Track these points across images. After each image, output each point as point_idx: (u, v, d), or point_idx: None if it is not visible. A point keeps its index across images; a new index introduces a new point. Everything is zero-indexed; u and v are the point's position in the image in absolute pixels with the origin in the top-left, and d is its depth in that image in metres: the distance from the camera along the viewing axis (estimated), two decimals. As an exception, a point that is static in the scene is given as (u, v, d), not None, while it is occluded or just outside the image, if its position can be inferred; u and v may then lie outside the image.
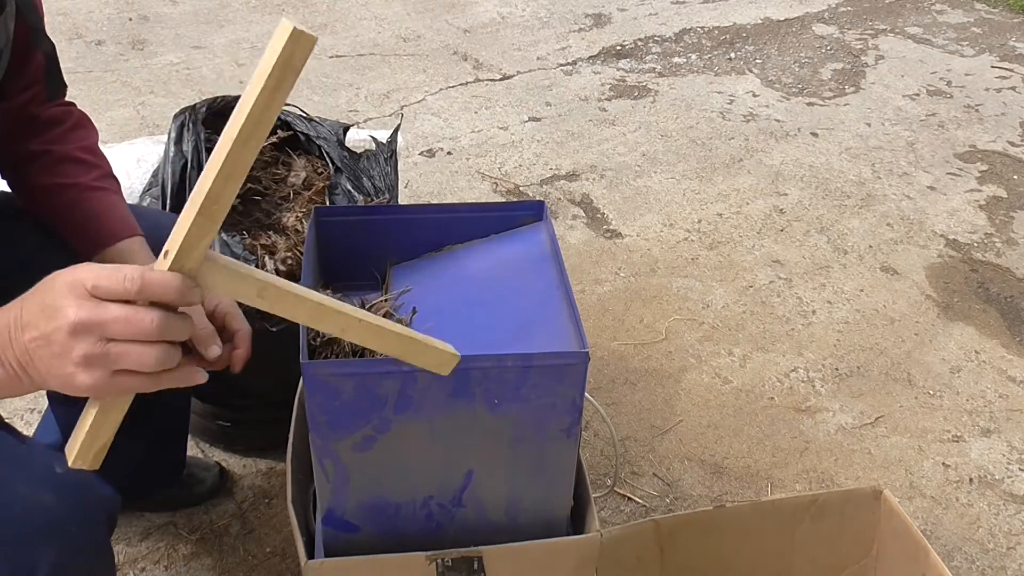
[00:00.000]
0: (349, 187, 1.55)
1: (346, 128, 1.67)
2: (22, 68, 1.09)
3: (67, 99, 1.22)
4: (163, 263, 0.69)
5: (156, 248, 1.15)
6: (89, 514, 0.88)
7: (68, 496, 0.86)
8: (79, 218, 1.13)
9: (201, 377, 0.77)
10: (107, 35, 3.24)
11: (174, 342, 0.72)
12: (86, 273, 0.69)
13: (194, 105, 1.56)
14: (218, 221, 0.68)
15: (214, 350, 1.10)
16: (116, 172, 1.21)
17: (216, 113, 1.58)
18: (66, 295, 0.68)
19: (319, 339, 1.06)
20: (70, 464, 0.76)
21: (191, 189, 1.46)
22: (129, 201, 1.69)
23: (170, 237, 0.69)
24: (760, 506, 1.33)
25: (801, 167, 2.69)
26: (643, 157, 2.69)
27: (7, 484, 0.85)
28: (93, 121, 1.23)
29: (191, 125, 1.52)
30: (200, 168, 1.48)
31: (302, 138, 1.63)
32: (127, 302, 0.68)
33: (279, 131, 1.63)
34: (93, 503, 0.89)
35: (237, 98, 1.61)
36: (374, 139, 1.69)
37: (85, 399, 1.35)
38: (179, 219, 0.68)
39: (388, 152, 1.67)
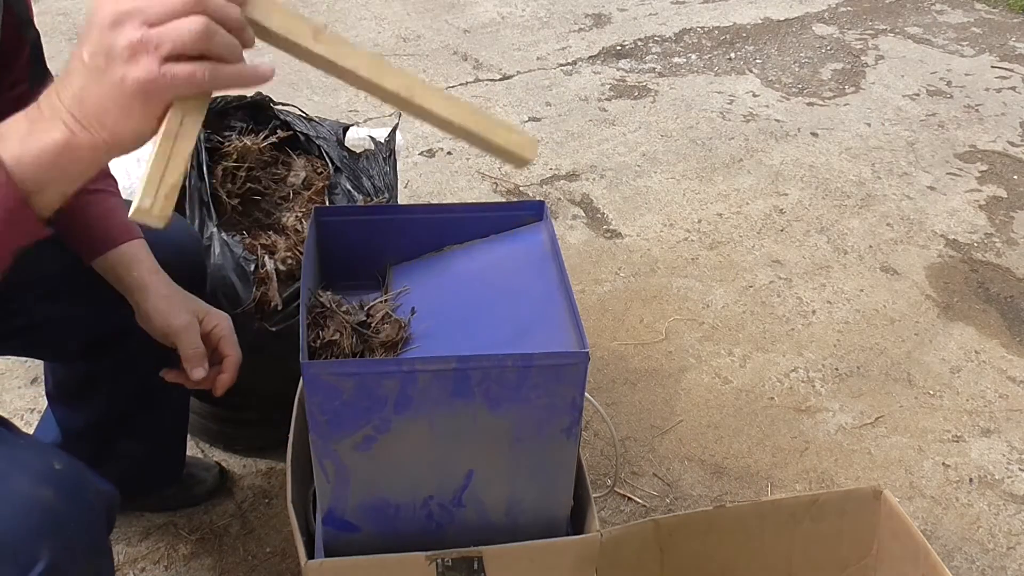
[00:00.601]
0: (349, 187, 1.55)
1: (345, 128, 1.67)
2: (13, 61, 1.07)
3: None
4: None
5: (154, 244, 1.16)
6: (88, 511, 0.88)
7: (66, 492, 0.86)
8: (78, 223, 1.12)
9: (264, 74, 0.70)
10: (107, 35, 3.24)
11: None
12: None
13: None
14: None
15: (198, 372, 1.12)
16: (116, 172, 1.21)
17: (216, 113, 1.58)
18: (99, 7, 0.65)
19: (319, 340, 1.06)
20: (135, 208, 0.66)
21: (191, 188, 1.46)
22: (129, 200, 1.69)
23: None
24: (760, 506, 1.33)
25: (801, 167, 2.69)
26: (643, 157, 2.69)
27: (5, 479, 0.85)
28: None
29: None
30: (200, 168, 1.48)
31: (302, 138, 1.63)
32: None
33: (279, 131, 1.63)
34: (92, 499, 0.89)
35: (237, 97, 1.61)
36: (373, 139, 1.69)
37: (83, 400, 1.34)
38: None
39: (387, 151, 1.67)
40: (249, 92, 1.65)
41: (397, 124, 1.71)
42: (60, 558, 0.82)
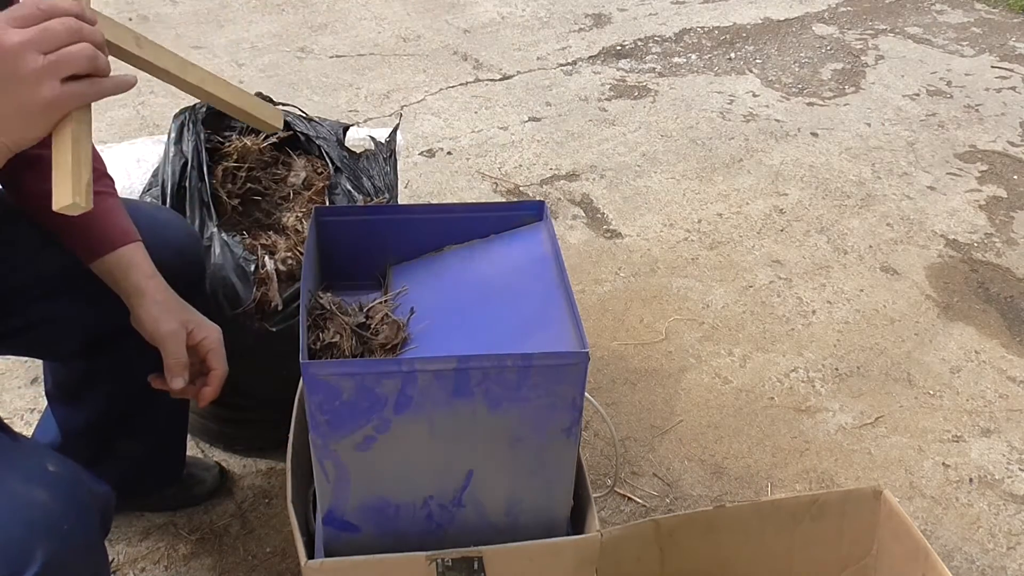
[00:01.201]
0: (349, 187, 1.55)
1: (346, 128, 1.67)
2: None
3: None
4: None
5: (153, 244, 1.16)
6: (82, 512, 0.88)
7: (61, 493, 0.86)
8: (76, 224, 1.11)
9: (129, 81, 0.85)
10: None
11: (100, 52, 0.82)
12: (1, 16, 0.77)
13: (194, 105, 1.56)
14: None
15: (177, 382, 1.13)
16: (116, 172, 1.21)
17: (216, 113, 1.58)
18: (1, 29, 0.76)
19: (319, 343, 1.06)
20: (69, 202, 0.78)
21: (191, 189, 1.47)
22: (129, 201, 1.69)
23: None
24: (760, 506, 1.33)
25: (801, 167, 2.69)
26: (643, 157, 2.69)
27: (0, 481, 0.85)
28: (93, 121, 1.23)
29: (191, 125, 1.52)
30: (200, 168, 1.48)
31: (302, 138, 1.63)
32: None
33: (279, 131, 1.63)
34: (86, 501, 0.89)
35: None
36: (373, 139, 1.69)
37: (82, 400, 1.35)
38: None
39: (387, 152, 1.67)
40: (249, 92, 1.65)
41: (398, 124, 1.71)
42: (55, 560, 0.82)
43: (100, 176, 1.17)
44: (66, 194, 0.78)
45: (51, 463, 0.88)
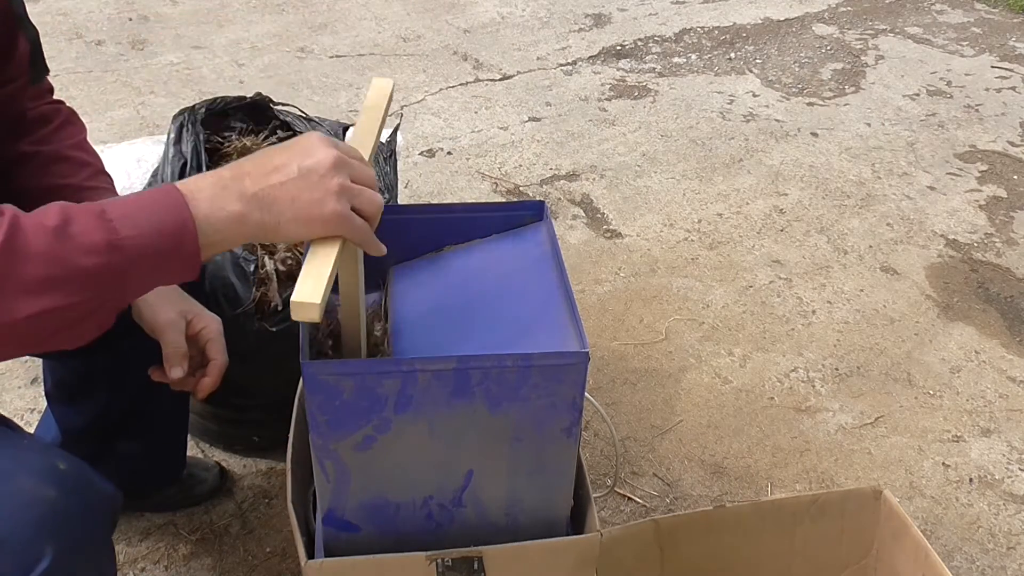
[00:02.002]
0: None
1: (345, 128, 1.67)
2: (8, 58, 1.07)
3: (55, 97, 1.21)
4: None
5: None
6: (91, 510, 0.89)
7: (70, 491, 0.87)
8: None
9: (382, 249, 0.90)
10: (107, 35, 3.24)
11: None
12: (329, 137, 0.86)
13: (193, 106, 1.56)
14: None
15: (176, 372, 1.13)
16: (116, 172, 1.21)
17: (215, 114, 1.58)
18: (323, 143, 0.84)
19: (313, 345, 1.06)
20: (317, 303, 0.80)
21: None
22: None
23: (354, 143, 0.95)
24: (760, 506, 1.33)
25: (801, 167, 2.69)
26: (643, 157, 2.69)
27: (10, 477, 0.85)
28: (93, 121, 1.23)
29: (190, 126, 1.51)
30: (199, 168, 1.48)
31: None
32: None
33: (279, 131, 1.63)
34: (95, 498, 0.90)
35: (237, 98, 1.61)
36: None
37: (82, 400, 1.35)
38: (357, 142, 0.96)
39: (388, 152, 1.67)
40: (249, 92, 1.66)
41: (398, 125, 1.71)
42: (63, 557, 0.83)
43: (97, 172, 1.17)
44: (315, 294, 0.80)
45: (60, 461, 0.89)
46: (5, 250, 0.72)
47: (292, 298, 0.79)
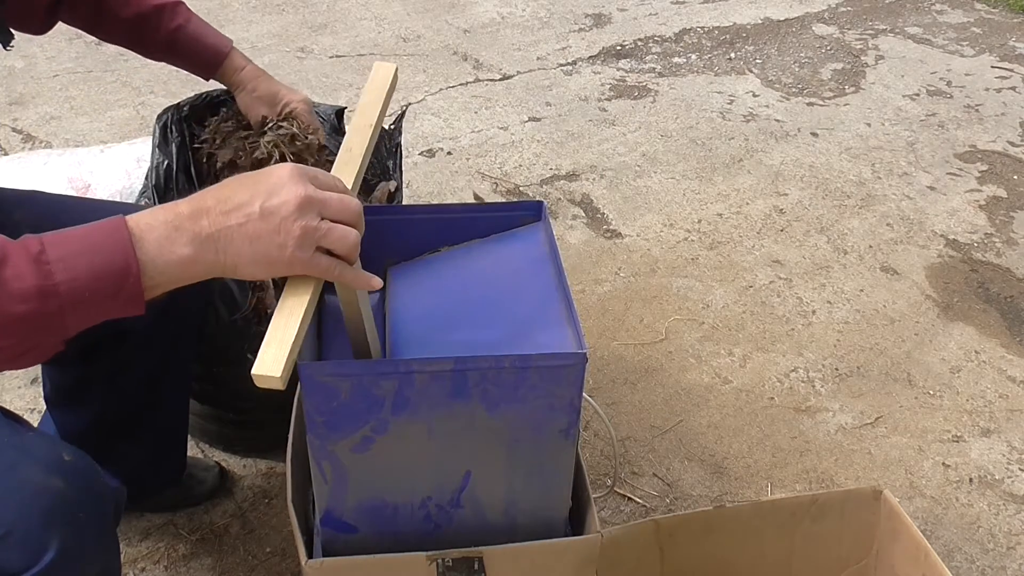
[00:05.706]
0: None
1: (340, 111, 1.64)
2: None
3: None
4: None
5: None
6: (97, 501, 0.90)
7: (77, 482, 0.87)
8: (185, 54, 1.37)
9: (374, 284, 0.85)
10: (107, 35, 3.23)
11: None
12: (303, 167, 0.80)
13: (178, 104, 1.53)
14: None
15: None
16: (116, 172, 1.21)
17: (202, 108, 1.54)
18: (294, 179, 0.78)
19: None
20: (277, 376, 0.76)
21: (178, 190, 1.44)
22: (128, 201, 1.69)
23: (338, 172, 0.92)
24: (760, 506, 1.33)
25: (801, 167, 2.69)
26: (643, 157, 2.69)
27: (16, 469, 0.86)
28: (93, 121, 1.24)
29: (174, 126, 1.48)
30: (187, 168, 1.45)
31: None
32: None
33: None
34: (101, 490, 0.91)
35: (222, 91, 1.58)
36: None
37: (80, 404, 1.35)
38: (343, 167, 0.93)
39: (392, 145, 1.63)
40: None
41: (403, 113, 1.69)
42: (70, 546, 0.84)
43: (176, 4, 1.35)
44: (275, 366, 0.76)
45: (67, 453, 0.90)
46: None
47: (252, 370, 0.75)
